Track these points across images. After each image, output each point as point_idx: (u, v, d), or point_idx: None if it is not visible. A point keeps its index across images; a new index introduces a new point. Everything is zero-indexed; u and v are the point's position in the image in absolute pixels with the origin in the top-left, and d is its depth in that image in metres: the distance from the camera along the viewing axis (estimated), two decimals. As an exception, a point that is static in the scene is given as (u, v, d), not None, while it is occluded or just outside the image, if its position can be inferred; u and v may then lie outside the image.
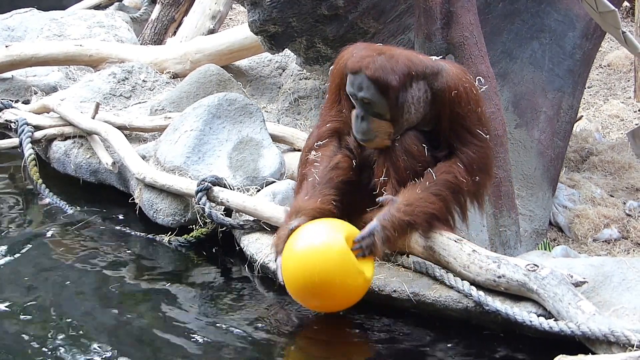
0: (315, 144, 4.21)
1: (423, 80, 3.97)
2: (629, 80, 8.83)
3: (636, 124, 7.70)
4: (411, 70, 3.91)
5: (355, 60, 3.92)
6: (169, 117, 5.98)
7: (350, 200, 4.19)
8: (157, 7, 9.38)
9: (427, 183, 3.94)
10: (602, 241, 5.67)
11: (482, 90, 4.21)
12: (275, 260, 4.00)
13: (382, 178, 4.05)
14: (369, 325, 4.02)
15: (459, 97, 3.97)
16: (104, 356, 3.78)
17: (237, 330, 4.03)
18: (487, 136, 4.10)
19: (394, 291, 4.02)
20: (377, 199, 4.02)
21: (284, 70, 7.57)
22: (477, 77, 4.25)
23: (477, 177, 4.06)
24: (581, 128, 7.41)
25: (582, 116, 7.70)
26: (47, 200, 5.79)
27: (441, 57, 4.32)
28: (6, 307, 4.25)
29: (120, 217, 5.59)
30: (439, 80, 3.98)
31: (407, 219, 3.88)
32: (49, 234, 5.33)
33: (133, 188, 5.58)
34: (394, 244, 3.93)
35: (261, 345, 3.90)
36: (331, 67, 4.27)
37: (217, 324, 4.11)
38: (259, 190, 5.16)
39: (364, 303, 4.07)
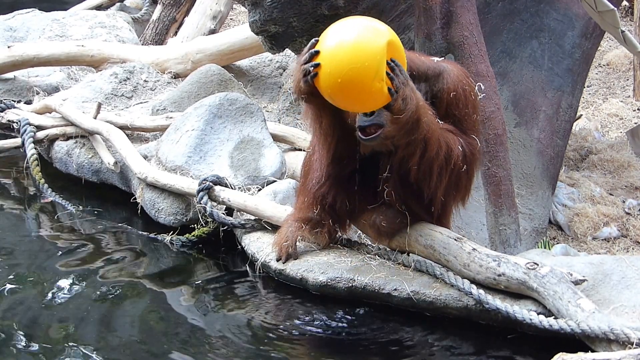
0: None
1: (424, 83, 3.97)
2: (628, 79, 8.85)
3: (635, 123, 7.72)
4: (412, 72, 3.90)
5: None
6: (171, 117, 6.01)
7: (354, 199, 4.22)
8: (158, 8, 9.41)
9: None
10: (602, 239, 5.69)
11: (481, 97, 4.19)
12: None
13: (385, 174, 4.06)
14: (370, 324, 4.04)
15: (457, 99, 3.96)
16: (104, 354, 3.80)
17: (238, 328, 4.05)
18: (478, 145, 4.06)
19: (395, 290, 4.04)
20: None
21: (284, 70, 7.60)
22: (478, 84, 4.23)
23: (464, 166, 4.00)
24: (580, 127, 7.43)
25: (582, 115, 7.73)
26: (49, 200, 5.82)
27: (442, 57, 4.31)
28: (6, 305, 4.26)
29: (122, 216, 5.61)
30: (439, 81, 3.98)
31: (422, 116, 3.73)
32: (50, 233, 5.35)
33: (135, 187, 5.60)
34: (407, 116, 3.68)
35: (262, 343, 3.92)
36: None
37: (218, 323, 4.12)
38: (260, 190, 5.18)
39: (364, 303, 4.10)
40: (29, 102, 7.23)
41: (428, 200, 4.06)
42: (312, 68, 3.65)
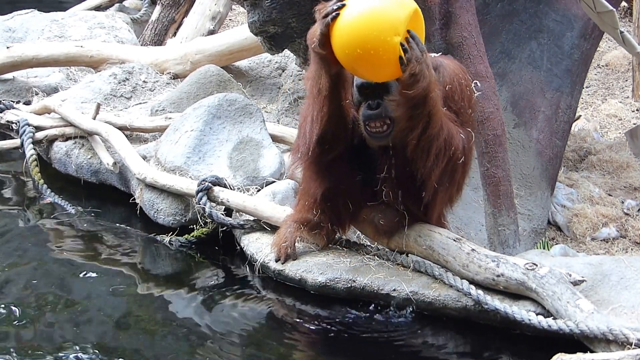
0: None
1: None
2: (627, 80, 8.86)
3: (634, 124, 7.73)
4: None
5: None
6: (170, 118, 6.01)
7: (353, 197, 4.22)
8: (158, 8, 9.40)
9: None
10: (601, 240, 5.70)
11: (477, 94, 4.18)
12: None
13: (383, 174, 4.06)
14: (369, 324, 4.04)
15: (453, 92, 3.95)
16: (102, 354, 3.80)
17: (237, 329, 4.05)
18: (473, 140, 4.03)
19: (394, 290, 4.04)
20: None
21: (283, 71, 7.60)
22: (474, 81, 4.22)
23: (462, 157, 3.97)
24: (579, 127, 7.44)
25: (581, 116, 7.74)
26: (48, 200, 5.81)
27: (441, 53, 4.31)
28: (6, 305, 4.26)
29: (121, 217, 5.61)
30: (436, 74, 3.97)
31: (431, 91, 3.73)
32: (50, 233, 5.35)
33: (134, 188, 5.60)
34: (418, 92, 3.68)
35: (261, 344, 3.92)
36: None
37: (217, 324, 4.13)
38: (259, 190, 5.18)
39: (363, 303, 4.10)
40: (28, 103, 7.22)
41: (421, 181, 3.99)
42: (336, 7, 3.64)
